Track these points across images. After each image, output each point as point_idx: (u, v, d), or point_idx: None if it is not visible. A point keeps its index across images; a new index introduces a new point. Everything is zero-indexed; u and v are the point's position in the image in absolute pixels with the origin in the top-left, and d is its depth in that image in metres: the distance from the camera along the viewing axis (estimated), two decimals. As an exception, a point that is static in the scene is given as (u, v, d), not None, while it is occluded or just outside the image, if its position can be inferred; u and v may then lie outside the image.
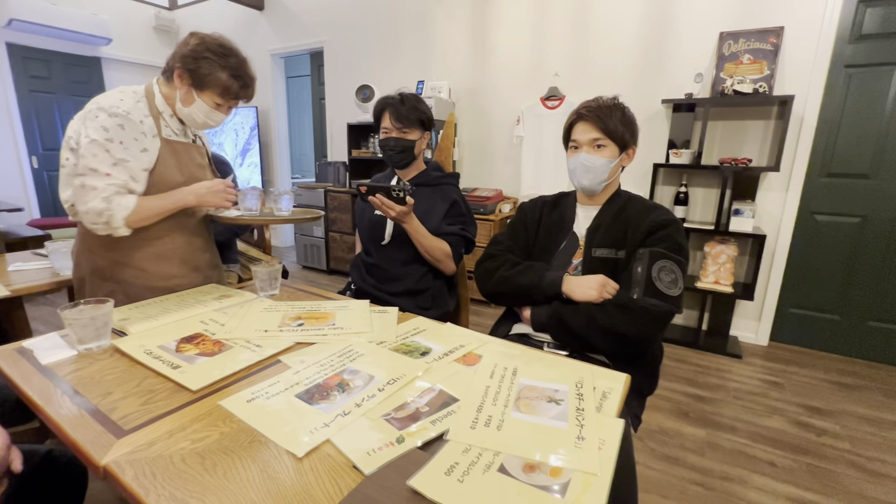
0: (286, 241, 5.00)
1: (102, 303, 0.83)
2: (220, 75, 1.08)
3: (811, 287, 2.47)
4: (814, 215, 2.41)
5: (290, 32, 4.14)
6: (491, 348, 0.86)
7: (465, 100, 3.32)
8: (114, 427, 0.60)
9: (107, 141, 1.00)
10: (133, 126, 1.03)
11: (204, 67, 1.06)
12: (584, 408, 0.65)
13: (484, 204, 2.96)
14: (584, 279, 1.04)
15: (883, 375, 2.23)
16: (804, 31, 2.23)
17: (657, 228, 1.03)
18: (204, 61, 1.06)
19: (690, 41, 2.49)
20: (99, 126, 1.00)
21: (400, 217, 1.22)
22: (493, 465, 0.53)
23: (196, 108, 1.10)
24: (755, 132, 2.42)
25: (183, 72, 1.07)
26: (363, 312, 1.02)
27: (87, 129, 1.00)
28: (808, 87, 2.26)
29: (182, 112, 1.12)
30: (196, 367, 0.75)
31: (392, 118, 1.31)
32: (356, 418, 0.62)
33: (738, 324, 2.62)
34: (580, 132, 1.10)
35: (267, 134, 4.60)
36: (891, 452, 1.62)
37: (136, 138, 1.04)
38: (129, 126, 1.03)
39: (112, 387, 0.70)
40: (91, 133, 1.00)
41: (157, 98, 1.11)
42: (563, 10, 2.82)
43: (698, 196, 2.61)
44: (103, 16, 4.24)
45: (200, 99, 1.09)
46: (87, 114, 1.03)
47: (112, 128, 1.01)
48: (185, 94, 1.09)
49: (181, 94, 1.09)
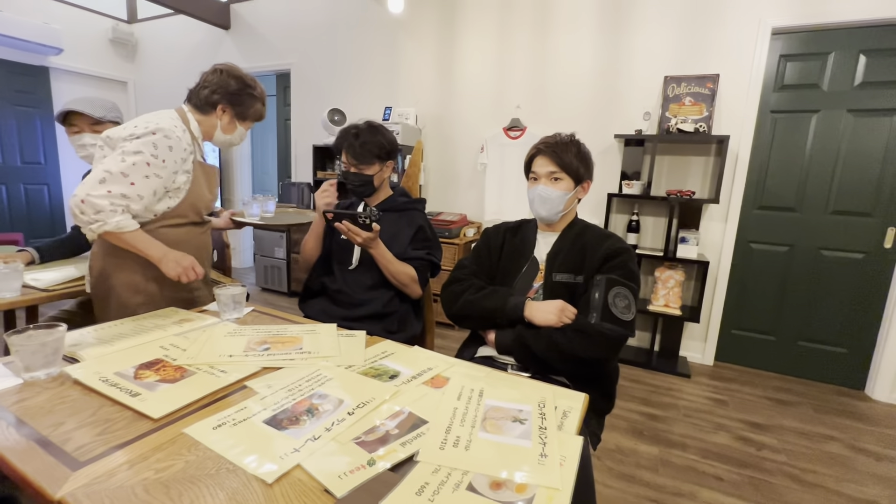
0: (245, 262, 4.84)
1: (53, 327, 0.80)
2: (257, 106, 1.30)
3: (749, 310, 2.67)
4: (750, 244, 2.63)
5: (256, 53, 4.13)
6: (458, 371, 0.89)
7: (431, 126, 3.41)
8: (68, 459, 0.57)
9: (152, 157, 1.09)
10: (179, 150, 1.15)
11: (247, 102, 1.27)
12: (546, 426, 0.68)
13: (449, 228, 3.02)
14: (544, 304, 1.09)
15: (813, 391, 2.42)
16: (736, 78, 2.49)
17: (613, 256, 1.11)
18: (247, 97, 1.27)
19: (640, 82, 2.71)
20: (150, 142, 1.09)
21: (366, 243, 1.25)
22: (461, 483, 0.55)
23: (236, 135, 1.31)
24: (697, 167, 2.65)
25: (227, 106, 1.25)
26: (331, 336, 1.02)
27: (138, 141, 1.09)
28: (741, 128, 2.50)
29: (220, 138, 1.29)
30: (157, 395, 0.73)
31: (349, 155, 1.36)
32: (326, 442, 0.62)
33: (687, 345, 2.78)
34: (539, 165, 1.19)
35: (227, 152, 4.50)
36: (822, 463, 1.76)
37: (177, 160, 1.15)
38: (177, 149, 1.14)
39: (64, 417, 0.67)
40: (140, 145, 1.08)
41: (192, 125, 1.23)
42: (526, 47, 3.00)
43: (649, 224, 2.79)
44: (55, 25, 4.06)
45: (241, 127, 1.30)
46: (144, 129, 1.10)
47: (162, 147, 1.11)
48: (228, 124, 1.28)
49: (223, 123, 1.27)
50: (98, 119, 1.47)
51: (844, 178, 2.40)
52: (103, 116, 1.48)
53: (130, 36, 4.81)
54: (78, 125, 1.46)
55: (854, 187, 2.39)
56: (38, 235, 4.16)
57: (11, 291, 1.20)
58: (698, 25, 2.53)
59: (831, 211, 2.45)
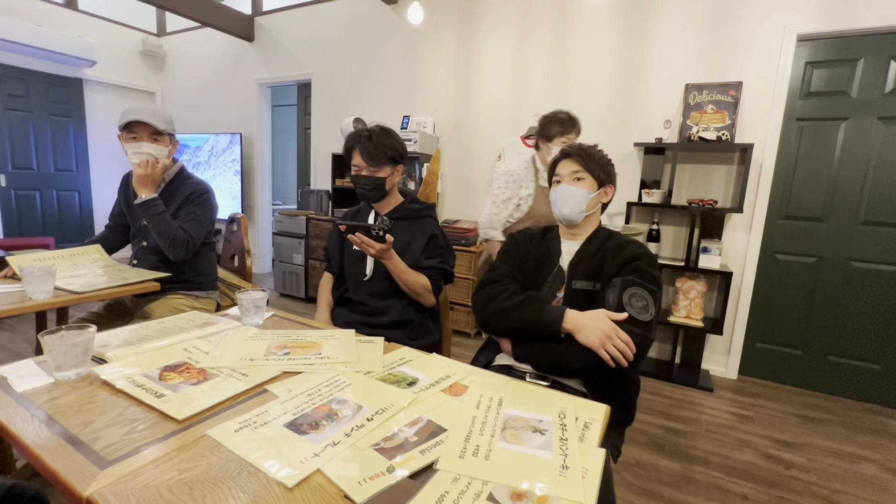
0: (263, 268, 4.92)
1: (84, 328, 0.82)
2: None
3: (775, 323, 2.59)
4: (775, 255, 2.56)
5: (278, 64, 4.24)
6: (476, 379, 0.88)
7: (448, 135, 3.44)
8: (96, 457, 0.58)
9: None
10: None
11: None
12: (567, 437, 0.67)
13: (465, 236, 3.02)
14: (592, 321, 0.98)
15: (843, 409, 2.33)
16: (760, 86, 2.44)
17: (631, 260, 1.10)
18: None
19: (660, 90, 2.68)
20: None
21: (380, 254, 1.23)
22: (482, 493, 0.54)
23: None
24: (720, 176, 2.59)
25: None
26: (349, 341, 1.03)
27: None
28: (765, 136, 2.45)
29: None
30: (181, 396, 0.74)
31: (362, 156, 1.33)
32: (346, 448, 0.62)
33: (709, 358, 2.71)
34: (562, 167, 1.21)
35: (249, 160, 4.61)
36: (855, 485, 1.69)
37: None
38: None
39: (93, 416, 0.68)
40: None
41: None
42: (544, 55, 3.01)
43: (669, 234, 2.74)
44: (90, 39, 4.25)
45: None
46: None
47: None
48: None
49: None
50: (160, 131, 1.53)
51: (875, 187, 2.32)
52: (165, 129, 1.55)
53: (159, 48, 5.00)
54: (138, 134, 1.51)
55: (886, 197, 2.30)
56: (69, 240, 4.32)
57: (44, 293, 1.24)
58: (720, 33, 2.50)
59: (861, 221, 2.37)
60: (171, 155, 1.63)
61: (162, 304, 1.61)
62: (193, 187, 1.65)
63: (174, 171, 1.66)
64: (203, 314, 1.19)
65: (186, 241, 1.56)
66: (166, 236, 1.53)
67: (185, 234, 1.56)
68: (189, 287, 1.69)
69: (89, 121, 4.58)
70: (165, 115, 1.58)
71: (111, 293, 1.34)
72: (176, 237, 1.54)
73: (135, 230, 1.70)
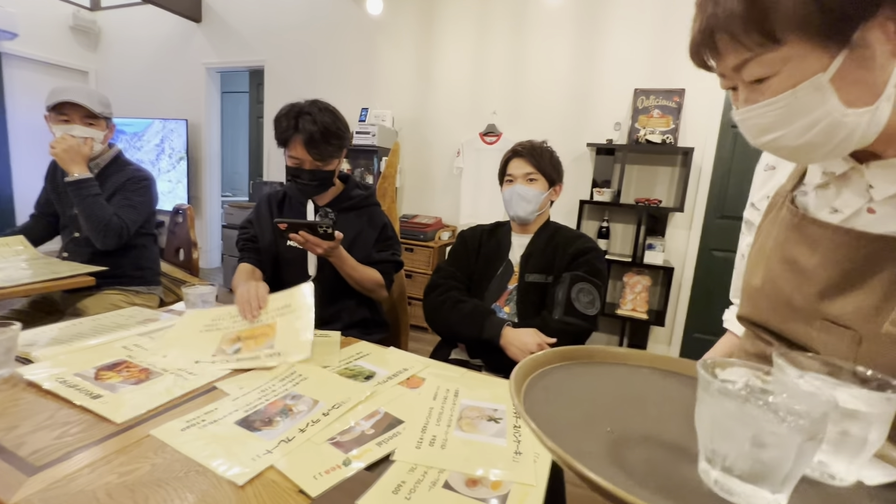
0: (212, 263, 4.68)
1: (6, 325, 0.75)
2: None
3: (711, 315, 2.79)
4: (712, 251, 2.76)
5: (228, 48, 4.03)
6: (433, 371, 0.89)
7: (407, 129, 3.41)
8: (22, 464, 0.54)
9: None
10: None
11: None
12: (520, 425, 0.70)
13: (424, 231, 3.02)
14: (520, 339, 1.08)
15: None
16: (700, 94, 2.61)
17: (580, 255, 1.16)
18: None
19: (612, 93, 2.80)
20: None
21: (328, 253, 1.11)
22: (438, 481, 0.55)
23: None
24: (664, 177, 2.75)
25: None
26: (305, 317, 0.95)
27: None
28: (704, 141, 2.63)
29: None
30: (119, 397, 0.70)
31: (308, 149, 1.15)
32: (301, 443, 0.61)
33: (653, 348, 2.88)
34: (515, 167, 1.22)
35: (196, 149, 4.35)
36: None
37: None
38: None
39: (17, 420, 0.63)
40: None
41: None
42: (503, 54, 3.05)
43: (618, 231, 2.88)
44: (10, 8, 3.84)
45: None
46: None
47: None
48: None
49: None
50: (95, 114, 1.41)
51: (797, 190, 2.55)
52: (101, 112, 1.43)
53: (93, 24, 4.59)
54: (70, 116, 1.39)
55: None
56: (-15, 231, 3.89)
57: (-44, 289, 1.12)
58: (667, 40, 2.65)
59: (785, 221, 2.60)
60: (107, 140, 1.51)
61: (97, 300, 1.49)
62: (131, 173, 1.54)
63: (110, 156, 1.54)
64: (144, 310, 1.12)
65: (120, 229, 1.43)
66: (98, 221, 1.39)
67: (119, 221, 1.43)
68: (128, 282, 1.58)
69: (9, 99, 4.14)
70: (102, 97, 1.46)
71: (38, 288, 1.23)
72: (110, 223, 1.41)
73: (65, 220, 1.56)
